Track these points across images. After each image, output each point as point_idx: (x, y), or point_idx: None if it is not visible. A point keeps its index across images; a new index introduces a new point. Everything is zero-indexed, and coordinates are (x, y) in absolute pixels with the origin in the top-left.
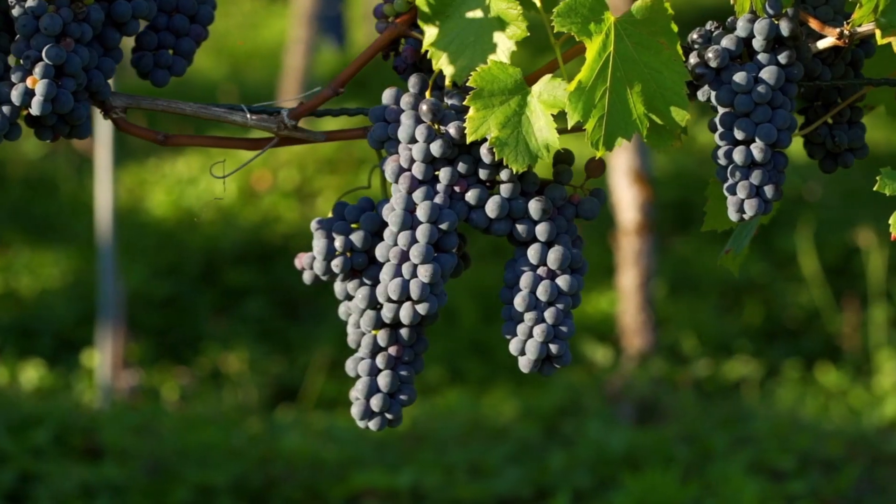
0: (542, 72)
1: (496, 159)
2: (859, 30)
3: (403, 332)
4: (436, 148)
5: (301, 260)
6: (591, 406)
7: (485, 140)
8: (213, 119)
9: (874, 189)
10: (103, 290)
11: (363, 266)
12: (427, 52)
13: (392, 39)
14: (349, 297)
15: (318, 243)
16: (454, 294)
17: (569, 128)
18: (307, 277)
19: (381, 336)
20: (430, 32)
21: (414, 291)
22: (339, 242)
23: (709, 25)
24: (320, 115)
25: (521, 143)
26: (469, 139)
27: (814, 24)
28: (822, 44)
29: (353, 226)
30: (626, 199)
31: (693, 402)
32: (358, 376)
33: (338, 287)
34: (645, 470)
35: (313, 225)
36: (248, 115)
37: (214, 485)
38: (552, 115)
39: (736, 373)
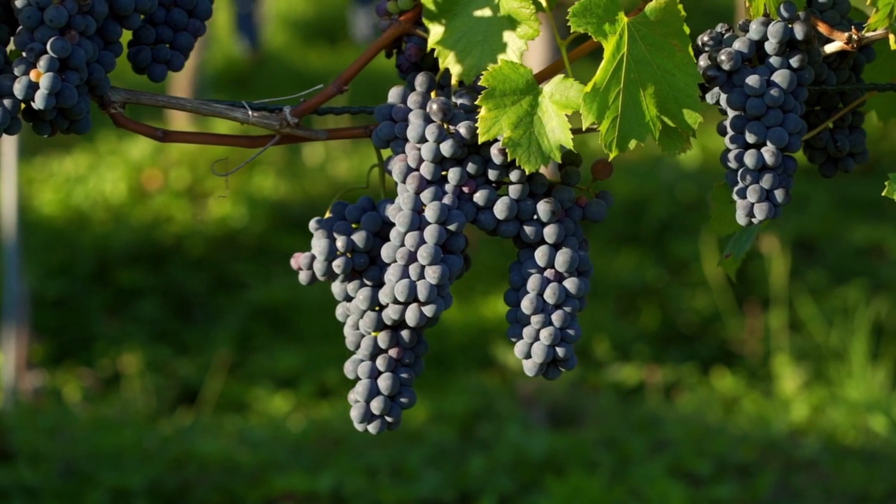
0: (547, 72)
1: (508, 160)
2: (868, 34)
3: (404, 333)
4: (446, 148)
5: (297, 260)
6: (504, 410)
7: (494, 140)
8: (215, 115)
9: (882, 194)
10: (7, 289)
11: (364, 267)
12: (430, 50)
13: (395, 37)
14: (348, 299)
15: (320, 243)
16: None
17: (584, 129)
18: (304, 278)
19: (382, 338)
20: (436, 31)
21: (421, 293)
22: (340, 243)
23: (719, 27)
24: (322, 113)
25: (534, 143)
26: (481, 139)
27: (822, 28)
28: (829, 48)
29: (354, 226)
30: None
31: (609, 406)
32: (358, 378)
33: (337, 288)
34: (565, 474)
35: (312, 225)
36: (250, 112)
37: (130, 487)
38: (567, 115)
39: (637, 377)
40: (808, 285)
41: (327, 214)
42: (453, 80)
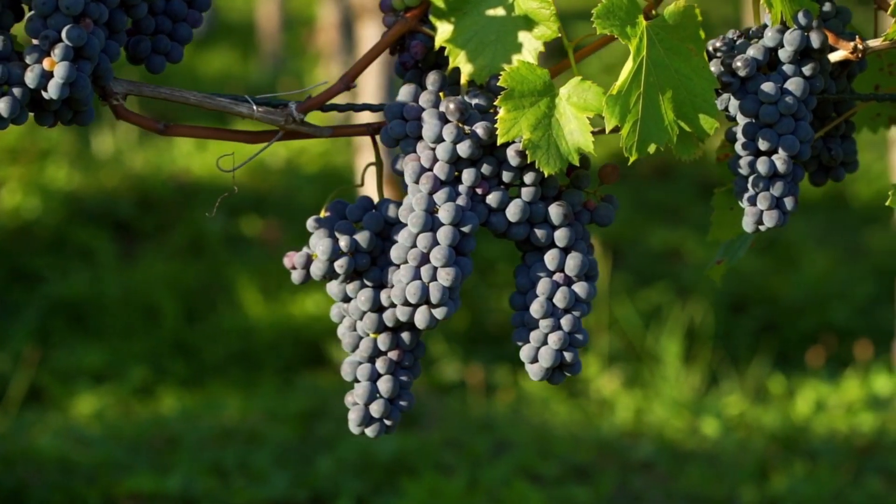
0: (552, 73)
1: (528, 161)
2: (872, 44)
3: (405, 335)
4: (463, 148)
5: (292, 259)
6: (338, 410)
7: (509, 142)
8: (219, 110)
9: (886, 204)
10: None
11: (366, 267)
12: (435, 49)
13: (400, 34)
14: (346, 299)
15: (323, 242)
16: (154, 292)
17: (607, 131)
18: (297, 277)
19: (382, 340)
20: (444, 29)
21: (434, 295)
22: (344, 242)
23: (730, 34)
24: (326, 109)
25: (553, 146)
26: (500, 140)
27: (829, 37)
28: (833, 57)
29: (355, 225)
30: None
31: (447, 406)
32: (357, 381)
33: (335, 289)
34: (415, 475)
35: (310, 224)
36: (255, 107)
37: None
38: (588, 118)
39: (454, 376)
40: (616, 288)
41: (323, 213)
42: (463, 80)
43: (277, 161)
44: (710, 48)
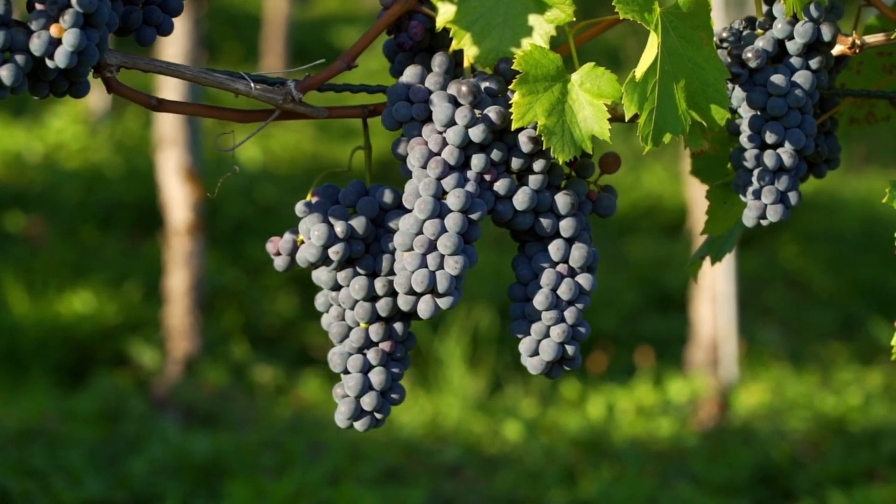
0: None
1: (543, 148)
2: (869, 40)
3: (397, 326)
4: (476, 133)
5: (276, 244)
6: (137, 409)
7: (520, 128)
8: (215, 86)
9: (883, 202)
10: None
11: (360, 255)
12: (437, 31)
13: (400, 15)
14: (336, 287)
15: (317, 228)
16: None
17: (626, 119)
18: (280, 264)
19: (375, 330)
20: (446, 9)
21: (441, 284)
22: (340, 228)
23: (736, 24)
24: (323, 89)
25: (567, 132)
26: (515, 125)
27: None
28: (833, 52)
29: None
30: (178, 198)
31: (252, 407)
32: (346, 372)
33: (324, 276)
34: (231, 476)
35: (300, 208)
36: (252, 85)
37: None
38: (605, 105)
39: (227, 377)
40: None
41: (310, 197)
42: (466, 63)
43: (34, 156)
44: (717, 39)
